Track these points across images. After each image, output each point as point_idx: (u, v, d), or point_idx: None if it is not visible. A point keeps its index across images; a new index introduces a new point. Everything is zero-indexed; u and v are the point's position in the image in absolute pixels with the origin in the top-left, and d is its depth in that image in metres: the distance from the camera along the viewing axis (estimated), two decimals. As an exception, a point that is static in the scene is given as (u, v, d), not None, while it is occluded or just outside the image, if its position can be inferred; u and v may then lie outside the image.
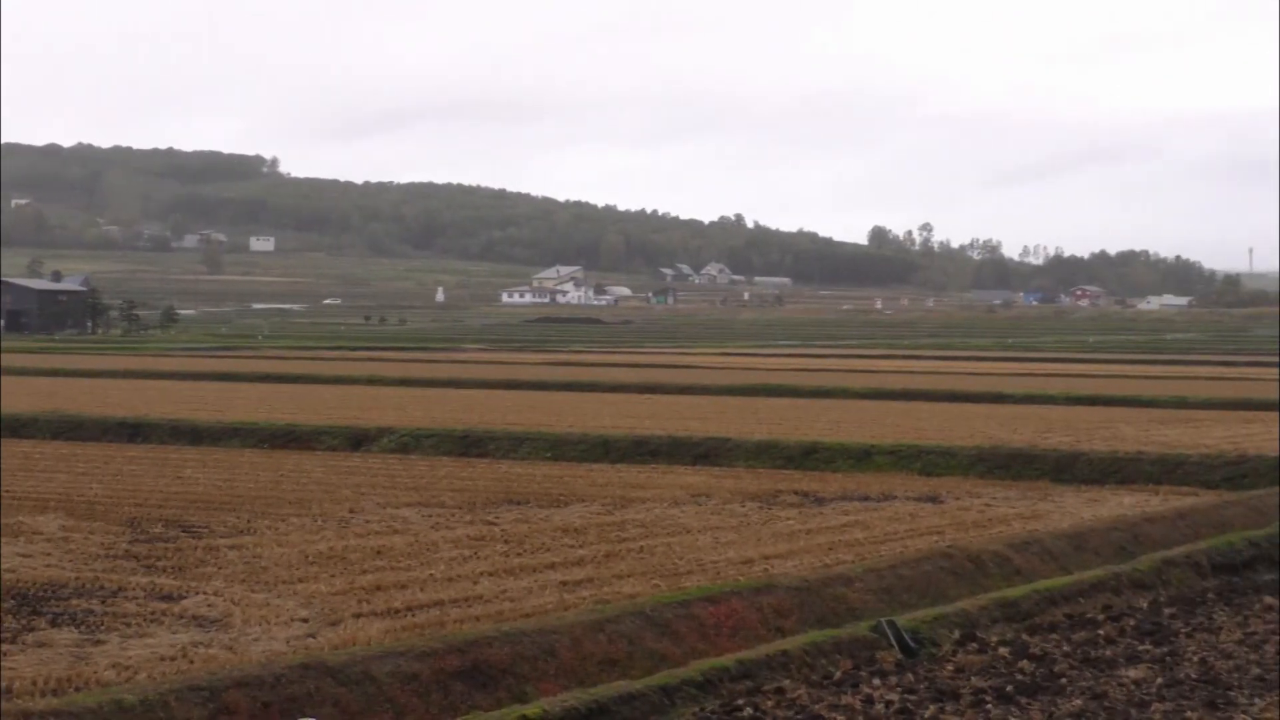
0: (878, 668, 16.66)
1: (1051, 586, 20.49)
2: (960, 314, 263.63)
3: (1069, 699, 15.32)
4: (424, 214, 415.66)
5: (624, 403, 53.93)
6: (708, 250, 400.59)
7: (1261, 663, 16.94)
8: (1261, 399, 54.99)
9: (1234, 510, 28.54)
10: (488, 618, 18.06)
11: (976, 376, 71.79)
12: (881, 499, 30.67)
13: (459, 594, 19.70)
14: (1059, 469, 35.49)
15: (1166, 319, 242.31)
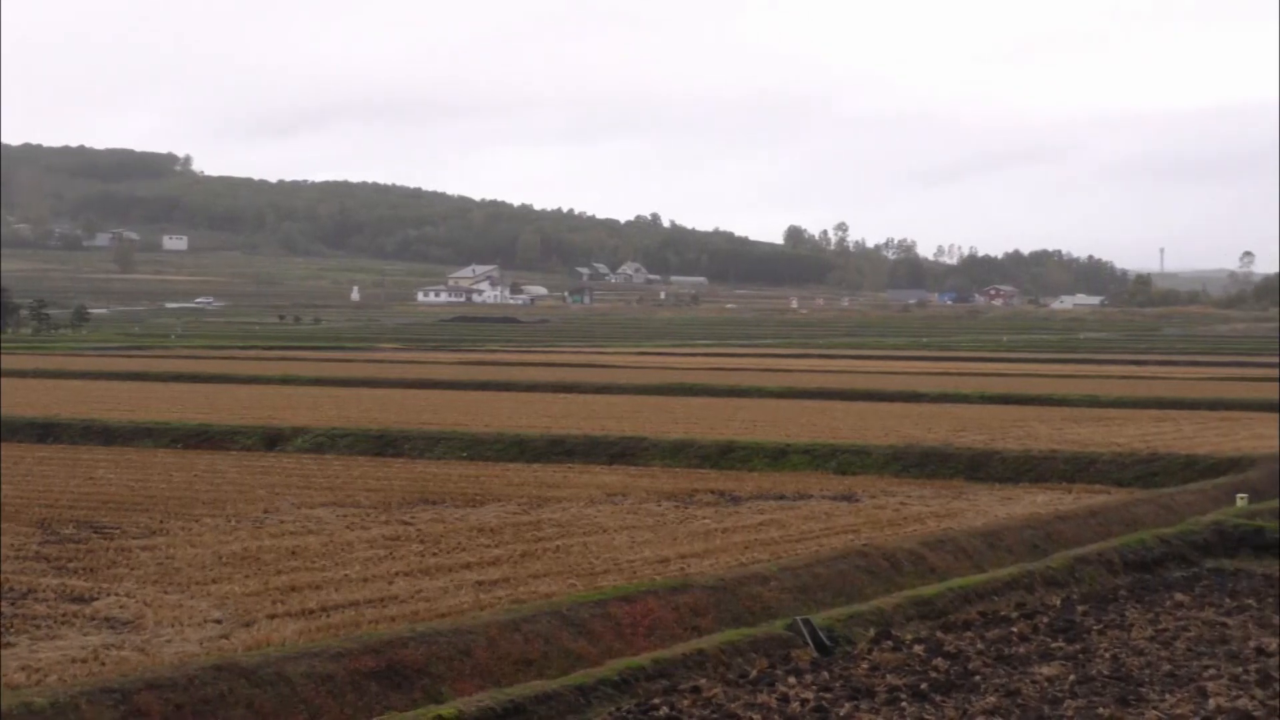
0: (793, 666, 16.69)
1: (966, 584, 20.59)
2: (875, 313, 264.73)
3: (983, 696, 15.39)
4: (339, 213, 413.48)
5: (540, 402, 53.86)
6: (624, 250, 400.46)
7: (1172, 659, 17.08)
8: (1173, 398, 55.53)
9: (1145, 508, 28.78)
10: (403, 618, 17.99)
11: (891, 376, 72.11)
12: (797, 498, 30.76)
13: (374, 594, 19.62)
14: (973, 467, 35.71)
15: (1079, 318, 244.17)
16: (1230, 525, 25.79)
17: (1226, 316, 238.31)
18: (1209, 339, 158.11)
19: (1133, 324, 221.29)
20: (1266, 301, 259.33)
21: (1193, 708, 14.86)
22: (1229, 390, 60.44)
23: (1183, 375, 76.59)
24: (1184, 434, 42.13)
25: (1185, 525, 25.81)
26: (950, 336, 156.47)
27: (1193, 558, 24.41)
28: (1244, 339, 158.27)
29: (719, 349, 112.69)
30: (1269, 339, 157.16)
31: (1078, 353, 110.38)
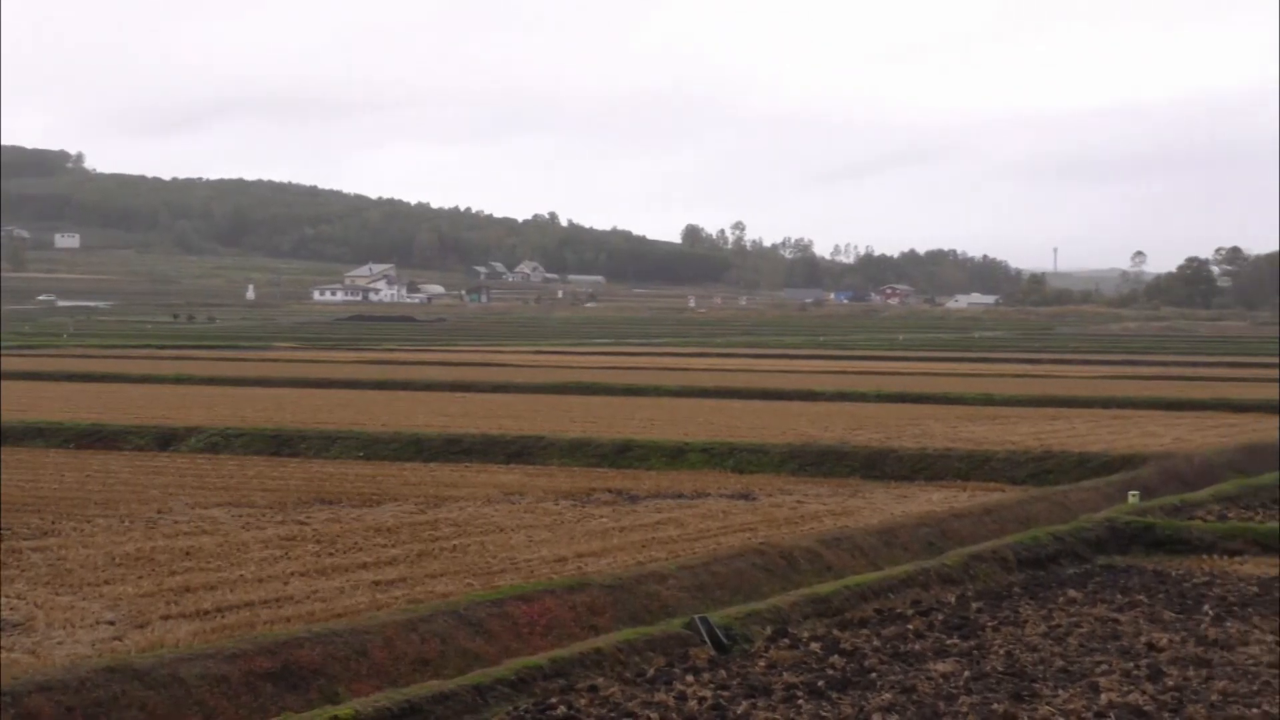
0: (691, 664, 16.71)
1: (862, 582, 20.69)
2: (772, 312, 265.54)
3: (879, 693, 15.48)
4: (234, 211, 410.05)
5: (437, 401, 53.68)
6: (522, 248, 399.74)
7: (1065, 655, 17.25)
8: (1066, 396, 56.04)
9: (1039, 505, 29.05)
10: (299, 618, 17.88)
11: (788, 374, 72.37)
12: (695, 496, 30.81)
13: (270, 595, 19.48)
14: (869, 466, 35.92)
15: (974, 317, 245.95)
16: (1122, 522, 26.06)
17: (1119, 315, 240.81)
18: (1102, 338, 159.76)
19: (1027, 323, 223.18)
20: (1158, 301, 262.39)
21: (1085, 703, 15.00)
22: (1121, 388, 61.09)
23: (1076, 374, 77.33)
24: (1077, 432, 42.54)
25: (1078, 522, 26.05)
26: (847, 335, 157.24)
27: (1085, 554, 24.65)
28: (1136, 338, 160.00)
29: (617, 348, 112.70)
30: (1160, 337, 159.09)
31: (973, 351, 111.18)
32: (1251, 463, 35.42)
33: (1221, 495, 29.89)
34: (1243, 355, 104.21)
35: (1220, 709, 14.85)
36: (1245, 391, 59.24)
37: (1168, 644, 17.79)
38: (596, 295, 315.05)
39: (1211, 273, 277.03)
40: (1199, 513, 28.02)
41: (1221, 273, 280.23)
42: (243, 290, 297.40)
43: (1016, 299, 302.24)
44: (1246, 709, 14.82)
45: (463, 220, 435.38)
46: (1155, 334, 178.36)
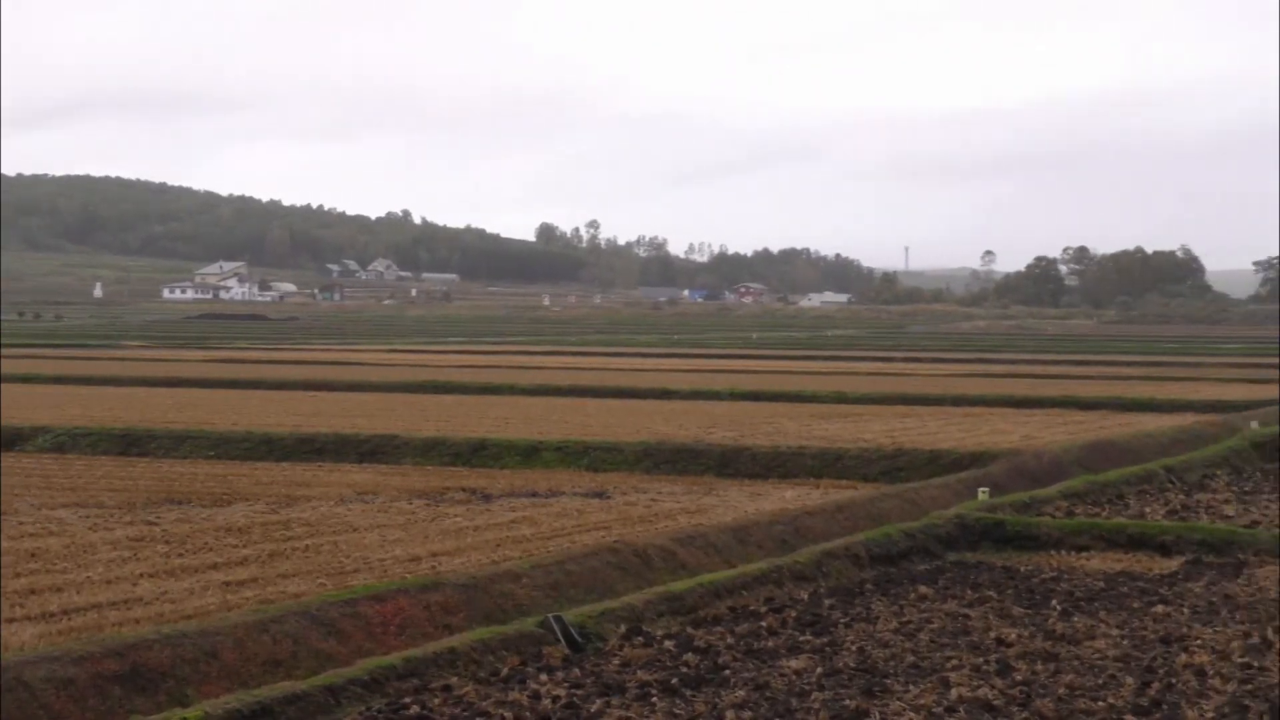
0: (545, 663, 16.69)
1: (716, 580, 20.76)
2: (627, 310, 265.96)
3: (732, 690, 15.53)
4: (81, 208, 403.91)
5: (289, 400, 53.22)
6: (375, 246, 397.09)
7: (916, 650, 17.41)
8: (917, 394, 56.60)
9: (890, 502, 29.29)
10: (147, 620, 17.65)
11: (643, 373, 72.47)
12: (549, 495, 30.78)
13: (118, 596, 19.22)
14: (723, 464, 36.06)
15: (827, 315, 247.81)
16: (972, 519, 26.36)
17: (969, 314, 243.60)
18: (952, 336, 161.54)
19: (879, 321, 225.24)
20: (1007, 299, 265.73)
21: (936, 698, 15.15)
22: (971, 386, 61.78)
23: (927, 372, 78.11)
24: (928, 430, 42.97)
25: (929, 519, 26.32)
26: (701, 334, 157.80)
27: (936, 551, 24.91)
28: (986, 336, 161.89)
29: (471, 346, 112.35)
30: (1010, 336, 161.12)
31: (825, 350, 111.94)
32: (1098, 459, 35.96)
33: (1069, 492, 30.32)
34: (1089, 353, 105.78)
35: (1067, 702, 15.05)
36: (1092, 389, 60.16)
37: (1016, 639, 18.01)
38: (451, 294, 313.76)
39: (1059, 272, 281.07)
40: (1047, 509, 28.40)
41: (1069, 272, 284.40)
42: (91, 288, 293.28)
43: (869, 298, 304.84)
44: (1093, 702, 15.03)
45: (315, 218, 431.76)
46: (1005, 332, 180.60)
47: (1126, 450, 37.88)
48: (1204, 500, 30.60)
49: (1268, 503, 30.35)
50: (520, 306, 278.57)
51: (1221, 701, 15.06)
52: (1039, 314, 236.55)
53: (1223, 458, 37.36)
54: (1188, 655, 17.05)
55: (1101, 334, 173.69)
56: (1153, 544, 25.39)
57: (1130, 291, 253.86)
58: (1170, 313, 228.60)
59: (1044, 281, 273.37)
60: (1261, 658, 16.99)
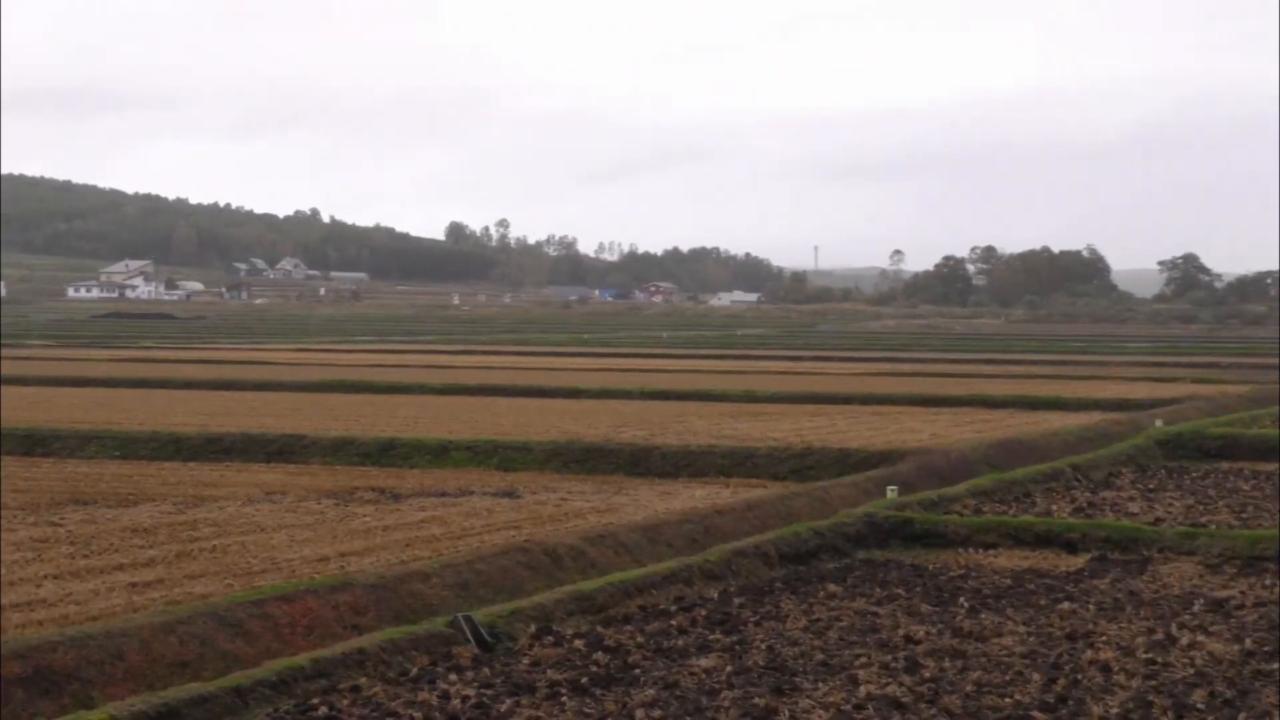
0: (454, 663, 16.65)
1: (626, 579, 20.77)
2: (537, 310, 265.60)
3: (642, 689, 15.55)
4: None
5: (196, 400, 52.83)
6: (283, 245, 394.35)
7: (825, 648, 17.47)
8: (827, 392, 56.79)
9: (800, 501, 29.38)
10: (51, 622, 17.47)
11: (554, 372, 72.42)
12: (459, 494, 30.71)
13: (21, 598, 19.00)
14: (633, 463, 36.08)
15: (737, 315, 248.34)
16: (881, 517, 26.49)
17: (878, 313, 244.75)
18: (861, 335, 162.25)
19: (788, 320, 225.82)
20: (916, 299, 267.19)
21: (844, 695, 15.22)
22: (880, 385, 62.10)
23: (836, 371, 78.43)
24: (838, 428, 43.16)
25: (838, 517, 26.42)
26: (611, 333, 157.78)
27: (845, 549, 25.01)
28: (895, 335, 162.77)
29: (380, 346, 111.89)
30: (918, 335, 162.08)
31: (736, 349, 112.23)
32: (1005, 457, 36.23)
33: (977, 489, 30.53)
34: (997, 352, 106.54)
35: (974, 699, 15.15)
36: (1000, 388, 60.61)
37: (924, 636, 18.11)
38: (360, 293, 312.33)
39: (967, 271, 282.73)
40: (955, 507, 28.58)
41: (977, 271, 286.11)
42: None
43: (779, 297, 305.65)
44: (1000, 699, 15.14)
45: (223, 216, 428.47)
46: (913, 331, 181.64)
47: (1034, 448, 38.18)
48: (1109, 498, 30.89)
49: (1172, 500, 30.67)
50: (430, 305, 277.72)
51: (1126, 697, 15.20)
52: (947, 313, 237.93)
53: (1128, 456, 37.73)
54: (1093, 652, 17.20)
55: (1009, 333, 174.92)
56: (1059, 541, 25.60)
57: (1037, 291, 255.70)
58: (1077, 312, 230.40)
59: (952, 281, 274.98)
60: (1165, 654, 17.17)
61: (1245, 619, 19.40)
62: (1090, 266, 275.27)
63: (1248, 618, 19.49)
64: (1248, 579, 22.65)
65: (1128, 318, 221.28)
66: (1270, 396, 58.44)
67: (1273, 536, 25.02)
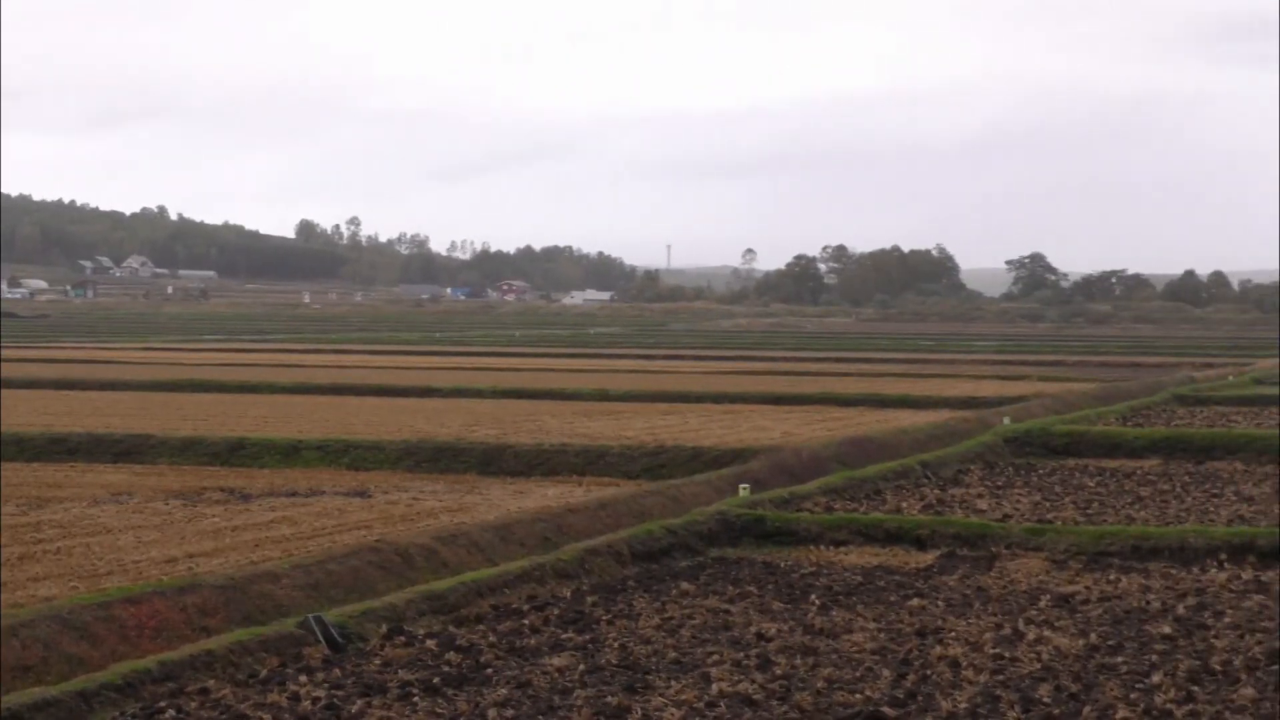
0: (305, 664, 16.51)
1: (478, 578, 20.70)
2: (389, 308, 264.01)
3: (495, 689, 15.50)
4: None
5: (40, 399, 51.95)
6: (130, 243, 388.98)
7: (678, 646, 17.51)
8: (679, 391, 56.94)
9: (653, 499, 29.43)
10: (-110, 627, 17.08)
11: (405, 371, 72.01)
12: (310, 494, 30.46)
13: None
14: (486, 462, 35.99)
15: (590, 313, 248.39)
16: (733, 515, 26.59)
17: (730, 312, 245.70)
18: (714, 334, 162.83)
19: (641, 319, 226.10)
20: (768, 297, 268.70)
21: (697, 693, 15.25)
22: (733, 384, 62.37)
23: (689, 369, 78.69)
24: (690, 427, 43.29)
25: (691, 516, 26.49)
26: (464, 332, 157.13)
27: (698, 547, 25.08)
28: (746, 334, 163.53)
29: (229, 344, 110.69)
30: (770, 334, 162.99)
31: (588, 348, 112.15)
32: (856, 456, 36.50)
33: (828, 487, 30.74)
34: (848, 351, 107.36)
35: (825, 695, 15.25)
36: (851, 386, 61.10)
37: (776, 633, 18.21)
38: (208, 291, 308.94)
39: (819, 270, 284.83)
40: (806, 505, 28.77)
41: (828, 270, 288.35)
42: None
43: (631, 295, 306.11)
44: (850, 695, 15.24)
45: (67, 214, 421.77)
46: (765, 330, 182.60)
47: (884, 446, 38.51)
48: (958, 495, 31.23)
49: (1019, 497, 31.07)
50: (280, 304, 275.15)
51: (974, 692, 15.37)
52: (799, 311, 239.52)
53: (976, 453, 38.18)
54: (942, 647, 17.38)
55: (859, 331, 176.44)
56: (909, 538, 25.85)
57: (888, 289, 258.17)
58: (926, 310, 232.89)
59: (804, 279, 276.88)
60: (1012, 649, 17.38)
61: (1090, 614, 19.70)
62: (939, 266, 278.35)
63: (1092, 612, 19.79)
64: (1092, 574, 23.00)
65: (976, 316, 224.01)
66: (1115, 394, 59.40)
67: (1116, 532, 25.45)
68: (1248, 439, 40.30)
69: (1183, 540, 24.82)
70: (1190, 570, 23.29)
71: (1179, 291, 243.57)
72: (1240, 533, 25.24)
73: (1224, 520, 27.53)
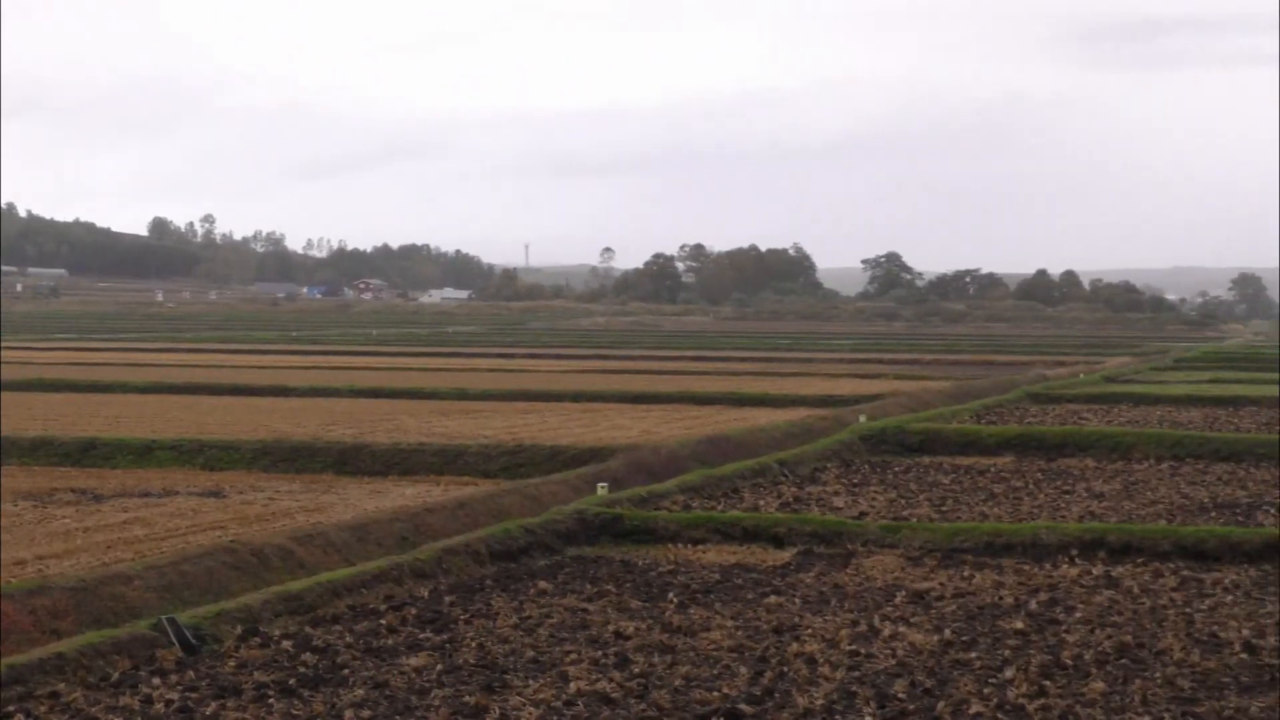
0: (158, 667, 16.31)
1: (335, 578, 20.56)
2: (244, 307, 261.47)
3: (351, 689, 15.40)
4: None
5: (-113, 399, 50.95)
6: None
7: (536, 645, 17.49)
8: (538, 390, 56.90)
9: (511, 499, 29.38)
10: None
11: (261, 370, 71.41)
12: (164, 495, 30.12)
13: None
14: (343, 461, 35.78)
15: (448, 312, 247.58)
16: (591, 514, 26.60)
17: (589, 310, 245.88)
18: (572, 332, 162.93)
19: (499, 318, 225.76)
20: (626, 296, 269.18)
21: (555, 692, 15.24)
22: (591, 382, 62.42)
23: (547, 368, 78.66)
24: (549, 425, 43.27)
25: (549, 514, 26.47)
26: (320, 330, 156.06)
27: (556, 546, 25.07)
28: (605, 332, 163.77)
29: (80, 343, 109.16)
30: (628, 332, 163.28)
31: (446, 347, 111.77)
32: (714, 454, 36.64)
33: (686, 485, 30.83)
34: (706, 349, 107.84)
35: (683, 693, 15.29)
36: (708, 385, 61.34)
37: (634, 632, 18.23)
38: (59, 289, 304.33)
39: (677, 269, 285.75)
40: (664, 503, 28.84)
41: (686, 269, 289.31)
42: None
43: (490, 294, 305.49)
44: (708, 693, 15.29)
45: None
46: (624, 329, 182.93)
47: (741, 444, 38.70)
48: (815, 492, 31.45)
49: (875, 494, 31.34)
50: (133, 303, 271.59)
51: (830, 689, 15.47)
52: (657, 310, 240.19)
53: (833, 451, 38.45)
54: (799, 644, 17.48)
55: (718, 330, 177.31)
56: (766, 536, 25.98)
57: (745, 288, 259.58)
58: (783, 309, 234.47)
59: (662, 278, 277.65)
60: (868, 645, 17.53)
61: (945, 610, 19.90)
62: (796, 265, 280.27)
63: (947, 609, 20.00)
64: (947, 571, 23.24)
65: (833, 315, 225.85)
66: (969, 392, 60.09)
67: (970, 529, 25.74)
68: (1099, 436, 40.92)
69: (1035, 537, 25.16)
70: (1042, 566, 23.60)
71: (1032, 291, 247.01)
72: (1091, 529, 25.62)
73: (1075, 517, 27.95)
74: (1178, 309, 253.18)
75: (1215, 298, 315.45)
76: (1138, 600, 20.62)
